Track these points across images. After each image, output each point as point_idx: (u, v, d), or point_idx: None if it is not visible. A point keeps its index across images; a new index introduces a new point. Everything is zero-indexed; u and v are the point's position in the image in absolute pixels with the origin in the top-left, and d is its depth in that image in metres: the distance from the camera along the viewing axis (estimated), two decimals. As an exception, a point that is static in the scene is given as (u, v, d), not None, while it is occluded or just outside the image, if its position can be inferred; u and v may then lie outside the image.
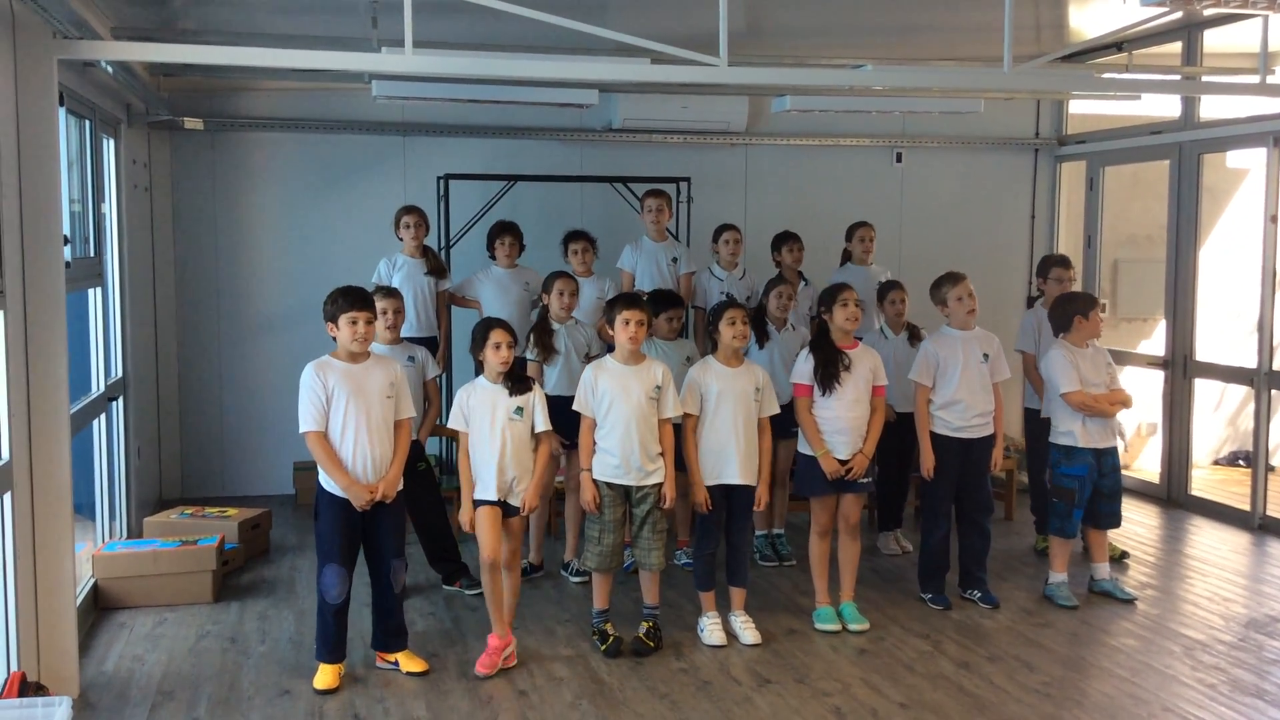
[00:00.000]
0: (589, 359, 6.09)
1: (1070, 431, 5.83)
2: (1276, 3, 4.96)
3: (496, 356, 5.00)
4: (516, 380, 5.08)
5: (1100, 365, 5.84)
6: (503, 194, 7.73)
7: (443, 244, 7.62)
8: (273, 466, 8.12)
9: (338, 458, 4.74)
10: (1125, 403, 5.85)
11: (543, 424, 5.08)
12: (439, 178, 7.77)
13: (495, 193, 7.74)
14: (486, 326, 5.09)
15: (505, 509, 5.03)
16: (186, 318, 8.10)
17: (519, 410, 5.02)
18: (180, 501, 7.70)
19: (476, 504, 5.03)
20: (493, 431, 4.98)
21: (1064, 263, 6.71)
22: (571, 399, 5.32)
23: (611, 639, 5.19)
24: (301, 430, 4.76)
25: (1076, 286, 7.68)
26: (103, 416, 6.31)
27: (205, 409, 8.16)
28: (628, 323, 5.08)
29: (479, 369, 5.16)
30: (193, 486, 8.15)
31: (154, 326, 7.84)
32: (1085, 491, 5.83)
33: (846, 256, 7.41)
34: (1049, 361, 5.89)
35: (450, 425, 5.15)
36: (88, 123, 6.03)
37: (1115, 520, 5.98)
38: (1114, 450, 5.89)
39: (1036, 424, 6.67)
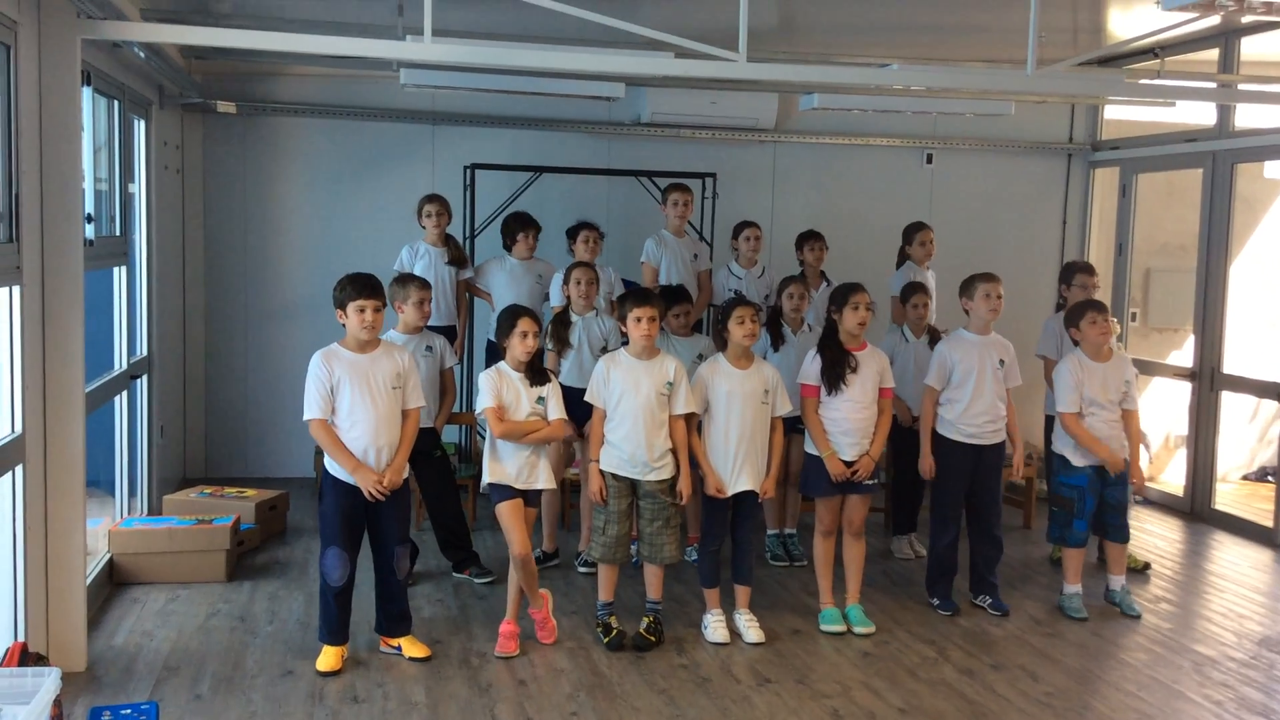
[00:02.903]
0: (604, 352, 6.12)
1: (1068, 443, 5.79)
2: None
3: (523, 345, 5.05)
4: (536, 371, 5.14)
5: (1115, 382, 5.71)
6: (528, 185, 7.76)
7: (467, 234, 7.66)
8: (295, 449, 8.20)
9: (342, 443, 4.78)
10: (1115, 465, 5.67)
11: (557, 412, 5.14)
12: (466, 167, 7.81)
13: (521, 183, 7.76)
14: (514, 314, 5.12)
15: (524, 499, 5.11)
16: (214, 299, 8.19)
17: (540, 400, 5.10)
18: (203, 481, 7.79)
19: (499, 493, 5.07)
20: (515, 418, 5.05)
21: (1087, 269, 6.63)
22: (581, 391, 5.37)
23: (615, 632, 5.20)
24: (305, 418, 4.80)
25: (1104, 294, 7.63)
26: (124, 394, 6.38)
27: (230, 390, 8.24)
28: (639, 320, 5.09)
29: (495, 357, 5.17)
30: (216, 466, 8.24)
31: (182, 307, 7.93)
32: (1086, 502, 5.75)
33: (904, 257, 7.28)
34: (1056, 371, 5.85)
35: (482, 407, 5.07)
36: (117, 103, 6.10)
37: (1124, 533, 5.88)
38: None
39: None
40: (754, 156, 8.69)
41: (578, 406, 5.36)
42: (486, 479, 5.11)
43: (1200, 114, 8.31)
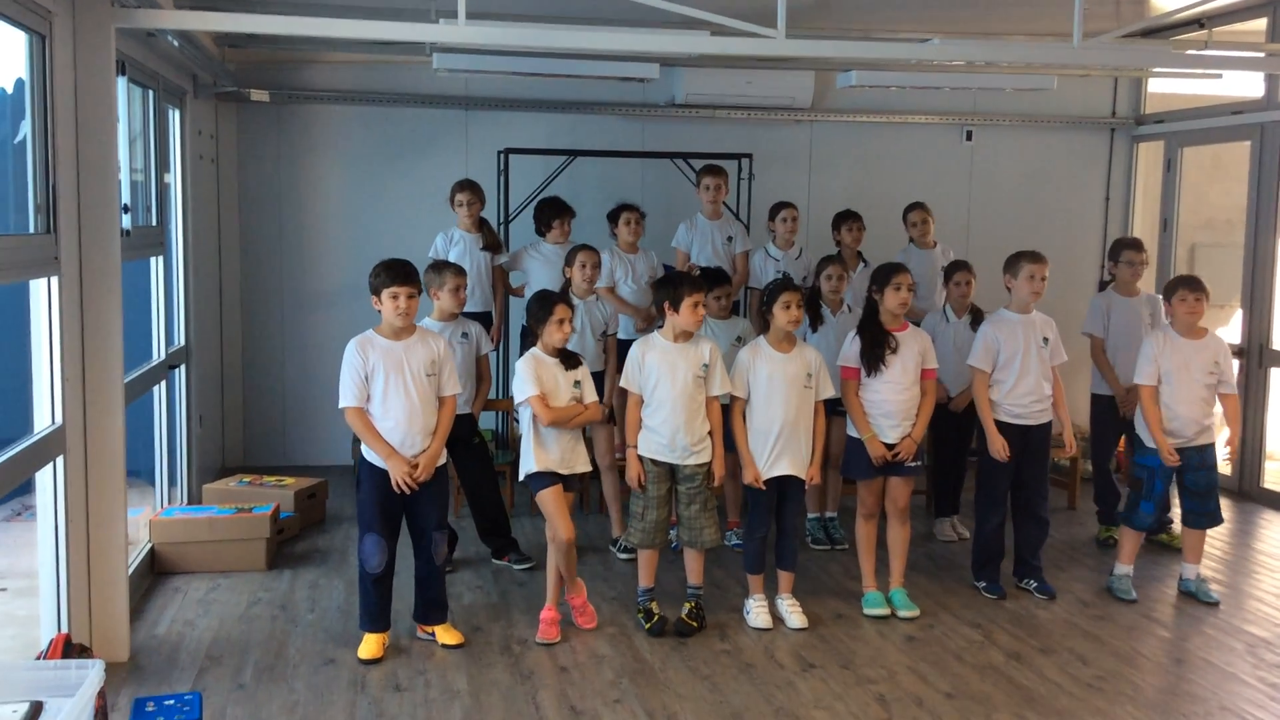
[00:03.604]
0: (605, 336, 6.09)
1: (1143, 423, 5.67)
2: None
3: (560, 331, 5.02)
4: (567, 355, 5.11)
5: (1201, 362, 5.52)
6: (563, 169, 7.71)
7: (501, 219, 7.62)
8: (333, 436, 8.21)
9: (377, 430, 4.76)
10: (1165, 456, 5.51)
11: (591, 394, 5.15)
12: (500, 152, 7.77)
13: (555, 167, 7.71)
14: (550, 300, 5.07)
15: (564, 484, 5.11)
16: (250, 288, 8.20)
17: (576, 384, 5.08)
18: (242, 469, 7.82)
19: (540, 481, 5.04)
20: (558, 404, 5.03)
21: (1135, 245, 6.51)
22: None
23: (656, 618, 5.16)
24: (340, 405, 4.79)
25: (1150, 271, 7.48)
26: (163, 384, 6.39)
27: (268, 379, 8.26)
28: (696, 305, 5.04)
29: (531, 344, 5.14)
30: (254, 455, 8.27)
31: (219, 296, 7.95)
32: (1156, 485, 5.62)
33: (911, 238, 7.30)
34: (1143, 344, 5.73)
35: (525, 396, 4.99)
36: (151, 93, 6.10)
37: (1204, 520, 5.69)
38: (1201, 448, 5.59)
39: (1103, 410, 6.52)
40: (790, 136, 8.59)
41: None
42: (533, 467, 5.05)
43: (1247, 85, 8.14)
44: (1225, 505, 7.51)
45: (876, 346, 5.26)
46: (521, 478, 5.17)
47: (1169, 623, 5.44)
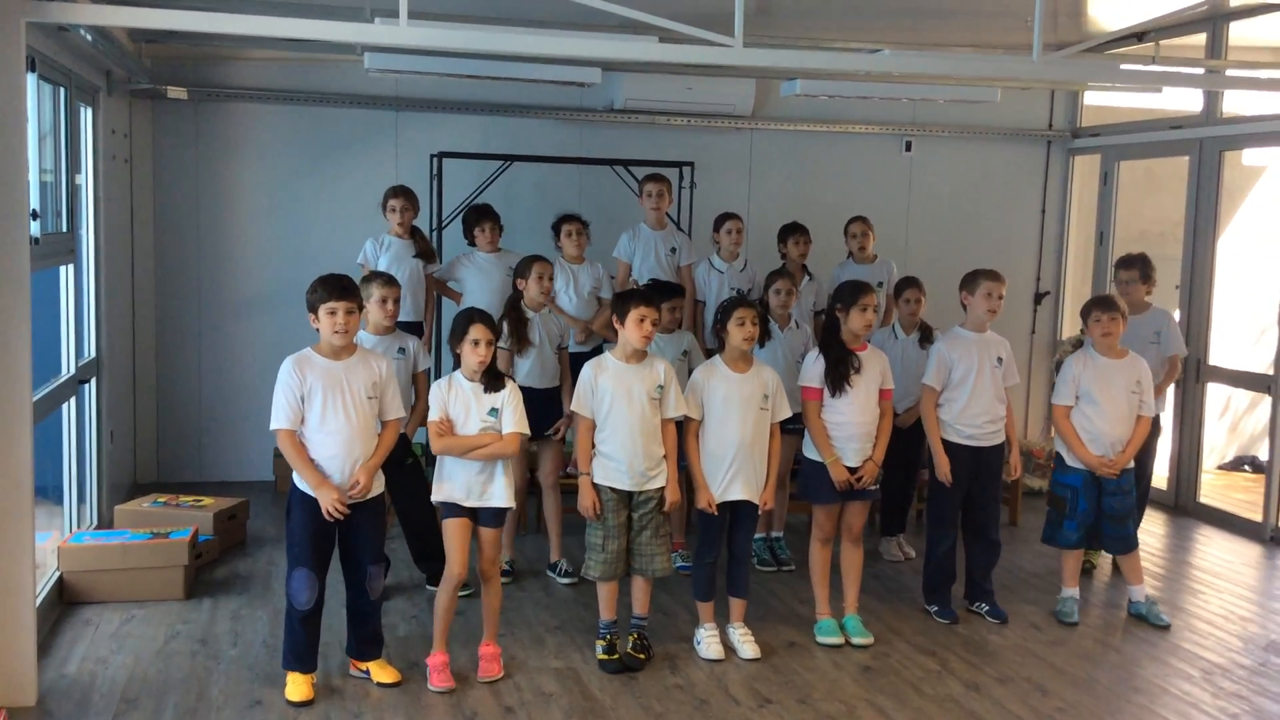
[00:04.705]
0: (560, 350, 5.85)
1: (1063, 441, 5.63)
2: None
3: (474, 355, 4.63)
4: (492, 376, 4.72)
5: (1125, 384, 5.48)
6: (498, 174, 7.43)
7: (434, 225, 7.32)
8: (252, 451, 7.83)
9: (307, 456, 4.45)
10: (1096, 467, 5.48)
11: (512, 424, 4.68)
12: (433, 155, 7.47)
13: (491, 172, 7.43)
14: (468, 320, 4.69)
15: (477, 518, 4.74)
16: (166, 297, 7.78)
17: (493, 412, 4.67)
18: (156, 487, 7.43)
19: (445, 512, 4.73)
20: (465, 432, 4.67)
21: (1125, 263, 6.33)
22: (543, 391, 5.18)
23: (616, 655, 4.90)
24: (272, 427, 4.46)
25: (1087, 283, 7.44)
26: (72, 400, 6.00)
27: (183, 392, 7.85)
28: (643, 320, 4.78)
29: (457, 361, 4.82)
30: (169, 471, 7.85)
31: (131, 305, 7.52)
32: (1079, 504, 5.55)
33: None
34: (1064, 363, 5.70)
35: (430, 419, 4.69)
36: (63, 90, 5.70)
37: (1120, 544, 5.65)
38: (1121, 471, 5.54)
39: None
40: (730, 144, 8.41)
41: (541, 407, 5.05)
42: (433, 496, 4.75)
43: (1184, 100, 8.15)
44: (1161, 521, 7.64)
45: (840, 366, 5.09)
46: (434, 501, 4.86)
47: (1123, 648, 5.35)
